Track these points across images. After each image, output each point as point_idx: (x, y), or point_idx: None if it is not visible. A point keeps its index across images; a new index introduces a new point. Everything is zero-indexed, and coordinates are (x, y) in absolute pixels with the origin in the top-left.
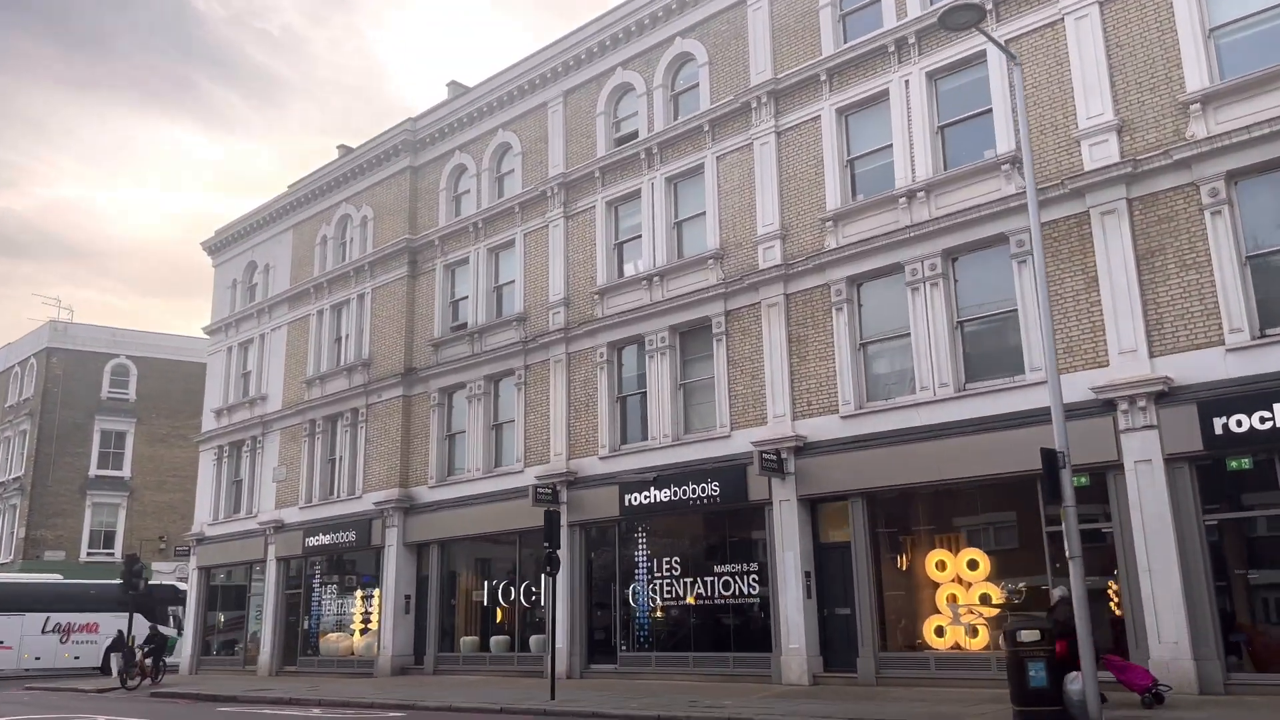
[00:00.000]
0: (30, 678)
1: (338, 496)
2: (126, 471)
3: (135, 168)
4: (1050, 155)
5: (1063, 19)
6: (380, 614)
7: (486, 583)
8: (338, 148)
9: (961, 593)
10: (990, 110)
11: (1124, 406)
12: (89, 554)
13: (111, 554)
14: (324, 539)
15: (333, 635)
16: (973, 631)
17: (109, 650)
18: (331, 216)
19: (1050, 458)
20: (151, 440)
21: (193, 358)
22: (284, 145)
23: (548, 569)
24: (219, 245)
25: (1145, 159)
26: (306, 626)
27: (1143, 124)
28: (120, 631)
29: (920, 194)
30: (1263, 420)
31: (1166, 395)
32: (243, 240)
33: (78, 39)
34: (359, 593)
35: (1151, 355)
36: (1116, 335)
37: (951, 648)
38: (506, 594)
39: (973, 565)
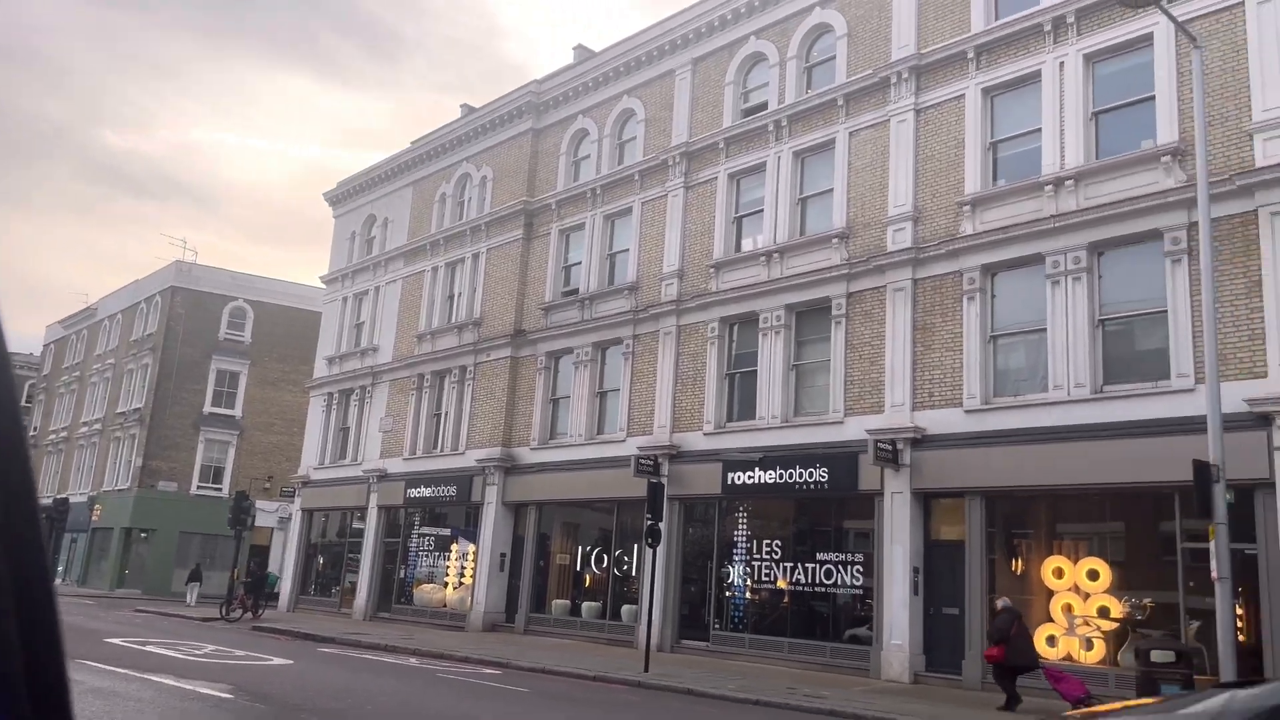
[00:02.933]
0: (140, 600)
1: (441, 451)
2: (238, 411)
3: (256, 117)
4: (1218, 149)
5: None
6: (475, 570)
7: (580, 548)
8: (461, 107)
9: (1078, 603)
10: (1153, 97)
11: None
12: (199, 487)
13: (220, 489)
14: (425, 491)
15: (426, 586)
16: (1088, 644)
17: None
18: (452, 175)
19: (1203, 471)
20: (262, 382)
21: (306, 305)
22: (401, 101)
23: (649, 541)
24: (340, 197)
25: None
26: (402, 575)
27: None
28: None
29: (1069, 182)
30: None
31: None
32: (363, 193)
33: None
34: (454, 547)
35: None
36: (1279, 345)
37: (1064, 658)
38: (599, 561)
39: (1093, 575)
